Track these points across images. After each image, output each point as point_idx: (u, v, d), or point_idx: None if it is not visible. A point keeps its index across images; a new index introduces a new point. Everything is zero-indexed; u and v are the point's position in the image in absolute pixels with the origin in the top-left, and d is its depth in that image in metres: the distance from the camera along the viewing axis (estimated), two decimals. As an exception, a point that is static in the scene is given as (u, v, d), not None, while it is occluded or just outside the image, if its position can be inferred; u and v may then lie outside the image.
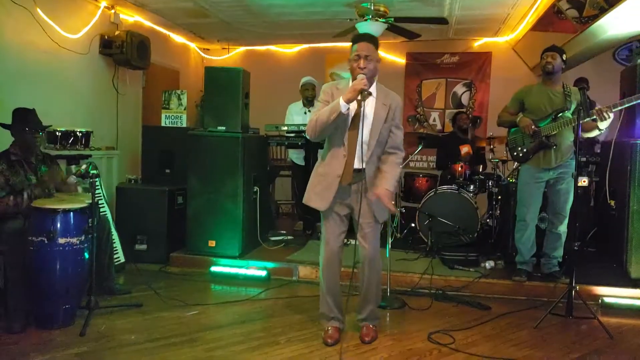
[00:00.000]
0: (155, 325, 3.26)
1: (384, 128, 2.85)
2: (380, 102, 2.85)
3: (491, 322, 3.44)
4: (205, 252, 4.53)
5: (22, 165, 3.43)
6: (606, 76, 5.89)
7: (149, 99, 6.47)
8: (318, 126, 2.80)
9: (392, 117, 2.87)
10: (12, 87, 4.26)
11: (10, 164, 3.37)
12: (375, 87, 2.87)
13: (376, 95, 2.86)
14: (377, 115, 2.83)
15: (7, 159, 3.38)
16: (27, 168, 3.45)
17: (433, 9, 5.48)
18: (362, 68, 2.76)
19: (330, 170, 2.88)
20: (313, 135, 2.87)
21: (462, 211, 4.94)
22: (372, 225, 2.94)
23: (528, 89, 4.09)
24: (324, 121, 2.75)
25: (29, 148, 3.47)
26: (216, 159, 4.48)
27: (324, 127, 2.78)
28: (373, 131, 2.83)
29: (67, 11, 4.94)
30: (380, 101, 2.85)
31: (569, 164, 3.91)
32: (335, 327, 3.05)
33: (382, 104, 2.85)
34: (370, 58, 2.79)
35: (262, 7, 5.64)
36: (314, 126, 2.82)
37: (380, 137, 2.85)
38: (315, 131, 2.83)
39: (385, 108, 2.84)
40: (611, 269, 4.31)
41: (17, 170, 3.39)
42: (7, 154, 3.41)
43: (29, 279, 3.11)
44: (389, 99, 2.88)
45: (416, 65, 7.56)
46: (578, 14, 5.12)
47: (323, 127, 2.78)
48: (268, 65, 7.88)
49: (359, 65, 2.77)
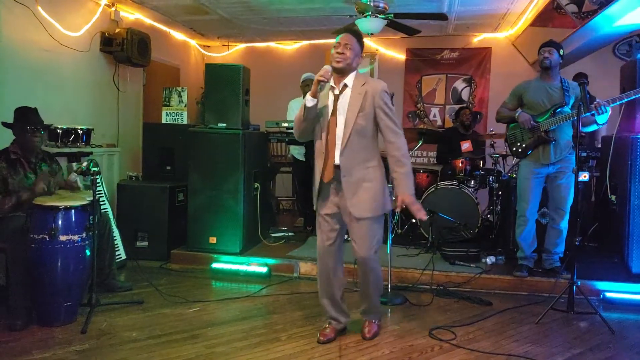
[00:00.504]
0: (156, 322, 3.27)
1: (360, 117, 2.72)
2: (356, 92, 2.76)
3: (492, 317, 3.44)
4: (206, 249, 4.54)
5: (22, 164, 3.43)
6: (606, 71, 5.89)
7: (150, 96, 6.47)
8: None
9: (370, 103, 2.74)
10: (13, 84, 4.27)
11: (10, 162, 3.37)
12: (352, 77, 2.79)
13: (352, 85, 2.78)
14: (351, 106, 2.74)
15: (6, 158, 3.37)
16: (26, 167, 3.44)
17: (432, 5, 5.47)
18: (339, 53, 2.72)
19: (316, 169, 2.87)
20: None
21: (462, 207, 4.94)
22: (360, 225, 2.79)
23: (526, 85, 4.09)
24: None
25: (30, 147, 3.46)
26: (217, 155, 4.48)
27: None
28: (347, 121, 2.73)
29: (67, 9, 4.94)
30: (355, 91, 2.76)
31: (568, 159, 3.90)
32: (331, 326, 3.02)
33: (357, 93, 2.75)
34: (349, 47, 2.73)
35: (261, 4, 5.63)
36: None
37: (357, 127, 2.72)
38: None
39: (360, 96, 2.74)
40: (612, 264, 4.31)
41: (17, 169, 3.39)
42: (7, 153, 3.40)
43: (31, 276, 3.12)
44: (365, 87, 2.76)
45: (416, 61, 7.55)
46: (577, 9, 5.11)
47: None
48: (268, 62, 7.88)
49: (337, 50, 2.74)
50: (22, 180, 3.39)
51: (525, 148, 4.00)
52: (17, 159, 3.41)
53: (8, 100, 4.10)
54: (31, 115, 3.47)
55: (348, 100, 2.76)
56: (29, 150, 3.47)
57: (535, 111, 3.95)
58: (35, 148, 3.50)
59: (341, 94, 2.77)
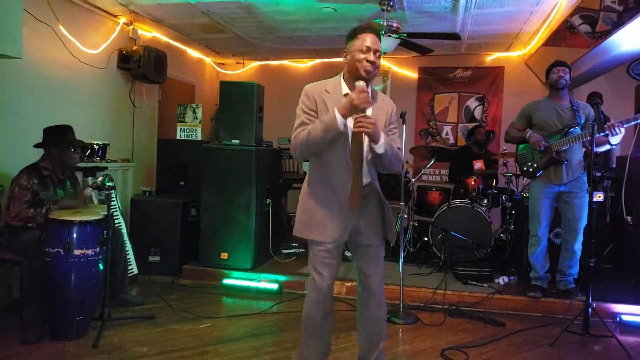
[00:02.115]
0: (167, 337, 3.28)
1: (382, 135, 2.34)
2: (378, 107, 2.39)
3: (506, 338, 3.39)
4: (217, 265, 4.55)
5: (52, 180, 3.50)
6: (620, 91, 5.86)
7: (165, 112, 6.56)
8: (310, 146, 2.28)
9: (389, 121, 2.43)
10: (34, 100, 4.36)
11: (41, 178, 3.43)
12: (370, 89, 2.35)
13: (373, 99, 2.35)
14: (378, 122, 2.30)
15: (39, 174, 3.43)
16: (56, 183, 3.52)
17: (445, 25, 5.51)
18: (372, 62, 2.26)
19: (334, 194, 2.36)
20: (302, 155, 2.37)
21: (475, 225, 4.91)
22: (378, 247, 2.47)
23: (535, 105, 4.08)
24: (318, 141, 2.26)
25: (68, 165, 3.55)
26: (230, 171, 4.52)
27: (317, 147, 2.30)
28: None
29: (87, 27, 5.06)
30: (377, 106, 2.39)
31: (580, 179, 3.89)
32: None
33: (379, 109, 2.40)
34: (378, 55, 2.28)
35: (275, 22, 5.71)
36: (304, 145, 2.29)
37: None
38: (303, 151, 2.33)
39: (383, 112, 2.40)
40: (629, 286, 4.24)
41: (47, 185, 3.45)
42: (39, 169, 3.45)
43: (45, 290, 3.15)
44: (385, 103, 2.46)
45: (429, 79, 7.57)
46: (591, 29, 5.12)
47: (316, 147, 2.29)
48: (282, 80, 7.95)
49: (369, 57, 2.25)
50: (52, 195, 3.45)
51: (537, 168, 3.98)
52: (49, 175, 3.48)
53: (29, 116, 4.20)
54: (72, 133, 3.57)
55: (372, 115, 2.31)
56: (66, 167, 3.55)
57: (546, 131, 3.94)
58: (73, 166, 3.61)
59: None
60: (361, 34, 2.30)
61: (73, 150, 3.54)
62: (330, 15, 5.32)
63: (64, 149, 3.50)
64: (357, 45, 2.29)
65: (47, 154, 3.51)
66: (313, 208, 2.42)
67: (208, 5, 5.11)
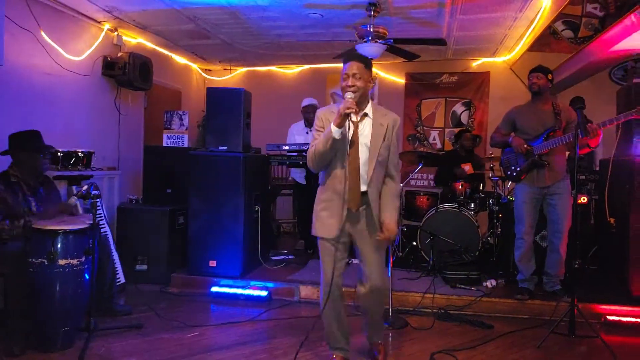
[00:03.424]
0: (155, 347, 3.24)
1: (383, 147, 2.77)
2: (378, 122, 2.78)
3: (494, 341, 3.42)
4: (206, 273, 4.52)
5: (21, 187, 3.43)
6: (603, 95, 5.95)
7: (151, 119, 6.52)
8: (317, 157, 2.73)
9: (389, 136, 2.80)
10: (16, 108, 4.31)
11: (8, 185, 3.37)
12: (370, 107, 2.80)
13: (372, 115, 2.79)
14: (374, 135, 2.75)
15: (6, 180, 3.38)
16: (25, 189, 3.45)
17: (431, 30, 5.57)
18: (349, 86, 2.68)
19: (335, 196, 2.75)
20: (314, 166, 2.80)
21: (463, 229, 4.95)
22: (378, 250, 2.83)
23: (518, 110, 4.16)
24: (321, 151, 2.69)
25: (35, 171, 3.49)
26: (217, 178, 4.50)
27: (323, 157, 2.72)
28: (372, 152, 2.75)
29: (70, 34, 5.02)
30: (377, 121, 2.78)
31: (563, 182, 3.95)
32: (340, 356, 2.94)
33: (380, 124, 2.78)
34: (358, 76, 2.69)
35: (262, 29, 5.72)
36: (313, 158, 2.75)
37: (380, 157, 2.76)
38: (315, 162, 2.77)
39: (382, 127, 2.77)
40: (613, 287, 4.30)
41: (15, 191, 3.39)
42: (7, 175, 3.41)
43: (29, 300, 3.09)
44: (387, 119, 2.81)
45: (415, 85, 7.64)
46: (573, 34, 5.20)
47: (322, 157, 2.71)
48: (269, 86, 7.96)
49: (347, 83, 2.70)
50: (21, 202, 3.38)
51: (520, 172, 4.04)
52: (17, 182, 3.42)
53: (11, 123, 4.14)
54: (39, 138, 3.51)
55: (370, 130, 2.76)
56: (33, 173, 3.49)
57: (529, 135, 4.00)
58: (43, 171, 3.55)
59: (361, 122, 2.73)
60: (344, 64, 2.77)
61: (42, 156, 3.48)
62: (316, 21, 5.35)
63: (32, 154, 3.44)
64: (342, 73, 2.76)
65: (15, 160, 3.46)
66: (320, 210, 2.83)
67: (193, 11, 5.10)
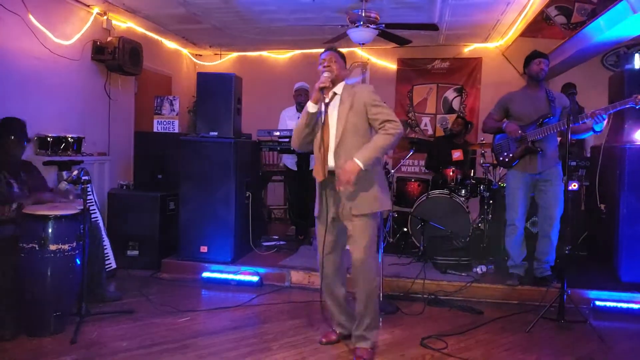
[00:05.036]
0: (147, 331, 3.24)
1: (351, 114, 2.82)
2: (345, 95, 2.89)
3: (484, 326, 3.45)
4: (197, 258, 4.52)
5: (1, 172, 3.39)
6: (595, 82, 5.97)
7: (141, 104, 6.46)
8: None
9: (360, 102, 2.84)
10: (4, 92, 4.25)
11: None
12: (341, 86, 2.93)
13: (341, 92, 2.91)
14: (341, 105, 2.87)
15: None
16: (5, 174, 3.41)
17: (423, 15, 5.53)
18: (325, 66, 2.88)
19: (315, 174, 2.93)
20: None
21: (454, 215, 4.96)
22: (357, 224, 2.83)
23: (511, 96, 4.14)
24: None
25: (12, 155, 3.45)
26: (208, 164, 4.47)
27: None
28: (339, 122, 2.84)
29: (59, 17, 4.93)
30: (345, 94, 2.90)
31: (555, 168, 3.96)
32: (335, 331, 3.08)
33: (347, 96, 2.89)
34: (333, 60, 2.90)
35: (253, 13, 5.66)
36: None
37: (349, 125, 2.81)
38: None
39: (349, 97, 2.87)
40: (602, 272, 4.34)
41: None
42: None
43: (20, 286, 3.09)
44: (354, 90, 2.91)
45: (407, 70, 7.61)
46: (566, 20, 5.19)
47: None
48: (260, 71, 7.90)
49: (323, 65, 2.90)
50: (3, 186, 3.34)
51: (512, 158, 4.05)
52: None
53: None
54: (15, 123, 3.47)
55: (338, 103, 2.89)
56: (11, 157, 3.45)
57: (522, 122, 3.99)
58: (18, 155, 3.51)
59: (331, 102, 2.89)
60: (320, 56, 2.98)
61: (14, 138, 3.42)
62: (308, 6, 5.29)
63: (5, 138, 3.40)
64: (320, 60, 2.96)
65: None
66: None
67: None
